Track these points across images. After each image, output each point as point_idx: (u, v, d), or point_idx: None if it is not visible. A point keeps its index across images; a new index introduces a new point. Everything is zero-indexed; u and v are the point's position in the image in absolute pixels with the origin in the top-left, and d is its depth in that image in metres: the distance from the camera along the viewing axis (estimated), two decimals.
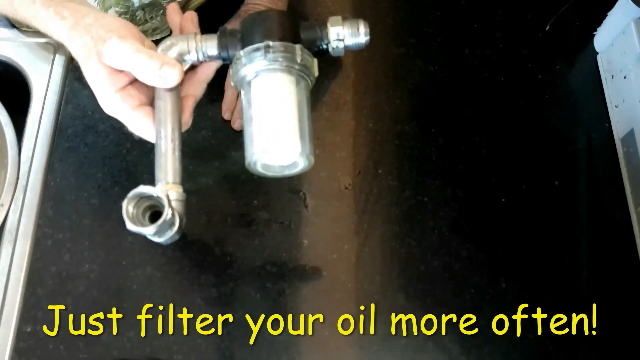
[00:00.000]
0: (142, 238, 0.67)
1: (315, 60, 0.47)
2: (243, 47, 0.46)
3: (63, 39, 0.54)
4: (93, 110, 0.74)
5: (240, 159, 0.71)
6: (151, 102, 0.51)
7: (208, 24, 0.80)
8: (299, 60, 0.45)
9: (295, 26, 0.47)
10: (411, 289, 0.66)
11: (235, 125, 0.73)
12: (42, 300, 0.64)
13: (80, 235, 0.67)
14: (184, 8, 0.77)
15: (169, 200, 0.43)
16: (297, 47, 0.45)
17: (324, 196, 0.71)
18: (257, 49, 0.45)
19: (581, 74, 0.81)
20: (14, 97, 0.74)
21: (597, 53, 0.81)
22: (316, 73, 0.47)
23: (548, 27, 0.83)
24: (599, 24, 0.81)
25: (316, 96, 0.75)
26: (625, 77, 0.75)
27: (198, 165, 0.71)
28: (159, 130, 0.47)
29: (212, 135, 0.74)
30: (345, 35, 0.48)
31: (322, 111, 0.76)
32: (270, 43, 0.44)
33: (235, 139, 0.74)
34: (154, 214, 0.43)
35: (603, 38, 0.81)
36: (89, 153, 0.72)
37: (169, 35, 0.78)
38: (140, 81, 0.50)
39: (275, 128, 0.45)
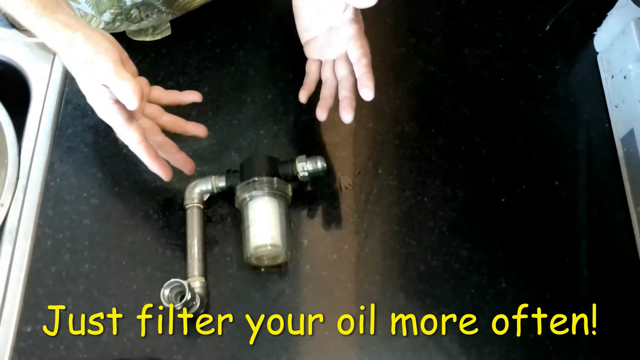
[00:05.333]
0: (142, 238, 0.67)
1: (289, 185, 0.66)
2: (242, 180, 0.66)
3: (55, 49, 0.59)
4: (93, 110, 0.73)
5: (239, 159, 0.72)
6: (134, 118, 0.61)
7: (207, 24, 0.80)
8: (275, 188, 0.65)
9: (274, 165, 0.66)
10: (411, 289, 0.66)
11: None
12: (42, 300, 0.64)
13: (80, 235, 0.67)
14: (185, 7, 0.77)
15: (190, 288, 0.59)
16: (274, 179, 0.65)
17: (324, 196, 0.71)
18: (248, 182, 0.65)
19: (581, 74, 0.81)
20: (14, 97, 0.74)
21: (597, 53, 0.81)
22: (290, 193, 0.66)
23: (548, 27, 0.83)
24: (599, 24, 0.81)
25: (316, 96, 0.75)
26: (625, 77, 0.75)
27: (198, 165, 0.71)
28: (189, 241, 0.66)
29: (212, 135, 0.74)
30: (308, 167, 0.66)
31: None
32: (256, 178, 0.65)
33: (235, 139, 0.74)
34: (183, 296, 0.60)
35: (603, 38, 0.81)
36: (89, 153, 0.72)
37: (170, 34, 0.78)
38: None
39: (264, 233, 0.64)
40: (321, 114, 0.68)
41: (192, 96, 0.70)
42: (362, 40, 0.65)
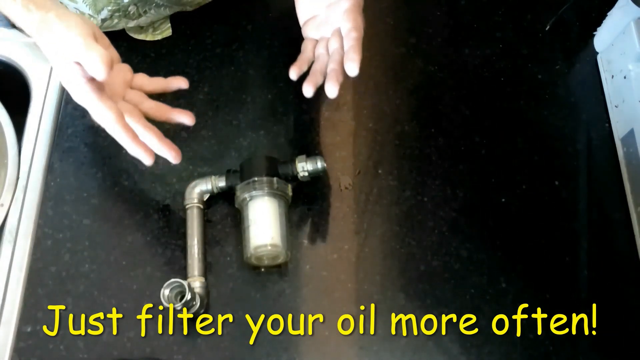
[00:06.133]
0: (142, 238, 0.68)
1: (289, 185, 0.66)
2: (242, 180, 0.66)
3: (31, 33, 0.58)
4: None
5: (239, 159, 0.72)
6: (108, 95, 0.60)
7: (207, 24, 0.80)
8: (275, 188, 0.65)
9: (274, 165, 0.66)
10: (411, 289, 0.66)
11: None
12: (42, 300, 0.64)
13: (80, 235, 0.67)
14: (185, 6, 0.77)
15: (190, 288, 0.59)
16: (274, 179, 0.65)
17: (324, 196, 0.71)
18: (249, 182, 0.65)
19: (581, 74, 0.81)
20: (14, 97, 0.74)
21: (597, 53, 0.81)
22: (290, 193, 0.66)
23: (548, 27, 0.83)
24: (599, 24, 0.81)
25: (316, 96, 0.75)
26: (625, 77, 0.75)
27: (198, 165, 0.71)
28: (189, 241, 0.66)
29: (212, 135, 0.74)
30: (308, 167, 0.67)
31: (322, 111, 0.76)
32: (256, 178, 0.65)
33: (235, 139, 0.74)
34: (183, 296, 0.59)
35: (603, 38, 0.81)
36: (89, 153, 0.72)
37: (171, 34, 0.78)
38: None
39: (264, 233, 0.64)
40: (307, 89, 0.63)
41: (177, 82, 0.66)
42: (357, 15, 0.63)
